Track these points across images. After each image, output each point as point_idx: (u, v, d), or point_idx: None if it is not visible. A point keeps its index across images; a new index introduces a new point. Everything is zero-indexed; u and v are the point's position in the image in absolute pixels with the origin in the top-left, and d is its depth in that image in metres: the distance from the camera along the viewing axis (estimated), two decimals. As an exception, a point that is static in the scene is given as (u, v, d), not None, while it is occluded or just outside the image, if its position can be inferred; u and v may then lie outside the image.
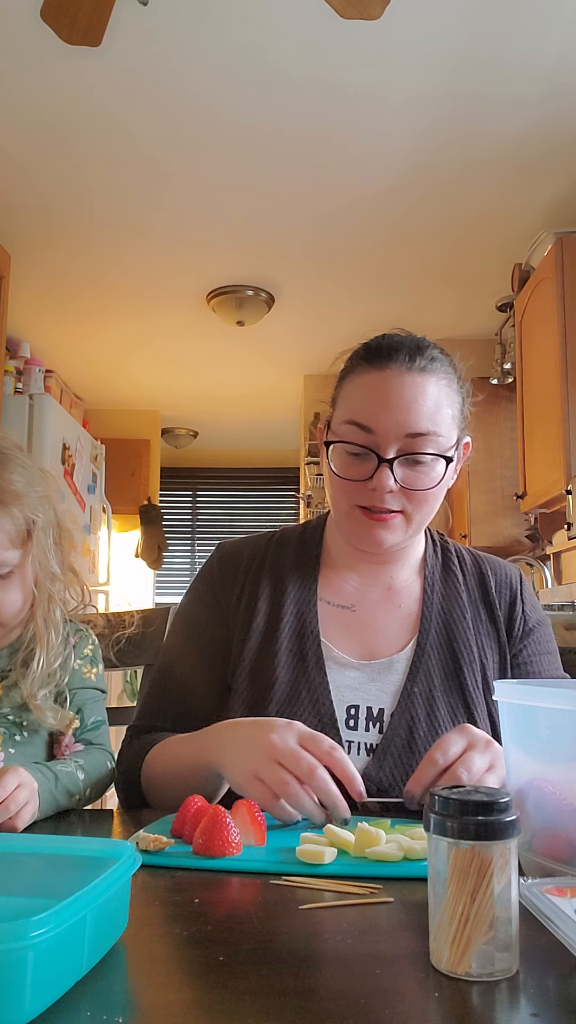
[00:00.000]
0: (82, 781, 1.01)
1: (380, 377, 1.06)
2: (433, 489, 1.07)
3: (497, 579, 1.21)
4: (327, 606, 1.17)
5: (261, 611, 1.16)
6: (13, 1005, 0.45)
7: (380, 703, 1.09)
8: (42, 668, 1.04)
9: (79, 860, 0.62)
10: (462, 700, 1.10)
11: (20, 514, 1.02)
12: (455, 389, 1.11)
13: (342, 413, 1.09)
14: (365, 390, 1.07)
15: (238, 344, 4.89)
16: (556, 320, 3.22)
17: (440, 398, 1.07)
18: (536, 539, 4.28)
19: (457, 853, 0.54)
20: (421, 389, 1.05)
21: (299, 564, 1.21)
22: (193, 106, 2.73)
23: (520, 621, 1.18)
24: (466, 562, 1.23)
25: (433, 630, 1.15)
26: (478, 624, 1.16)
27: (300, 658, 1.12)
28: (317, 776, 0.85)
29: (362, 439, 1.06)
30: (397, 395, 1.05)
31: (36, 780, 0.91)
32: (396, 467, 1.05)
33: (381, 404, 1.05)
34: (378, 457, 1.05)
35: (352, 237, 3.62)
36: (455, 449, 1.10)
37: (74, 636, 1.13)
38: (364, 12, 1.96)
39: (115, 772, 1.10)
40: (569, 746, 0.71)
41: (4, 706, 1.04)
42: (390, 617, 1.17)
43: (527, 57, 2.48)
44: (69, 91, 2.66)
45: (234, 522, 7.36)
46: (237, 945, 0.58)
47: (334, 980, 0.52)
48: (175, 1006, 0.49)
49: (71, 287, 4.14)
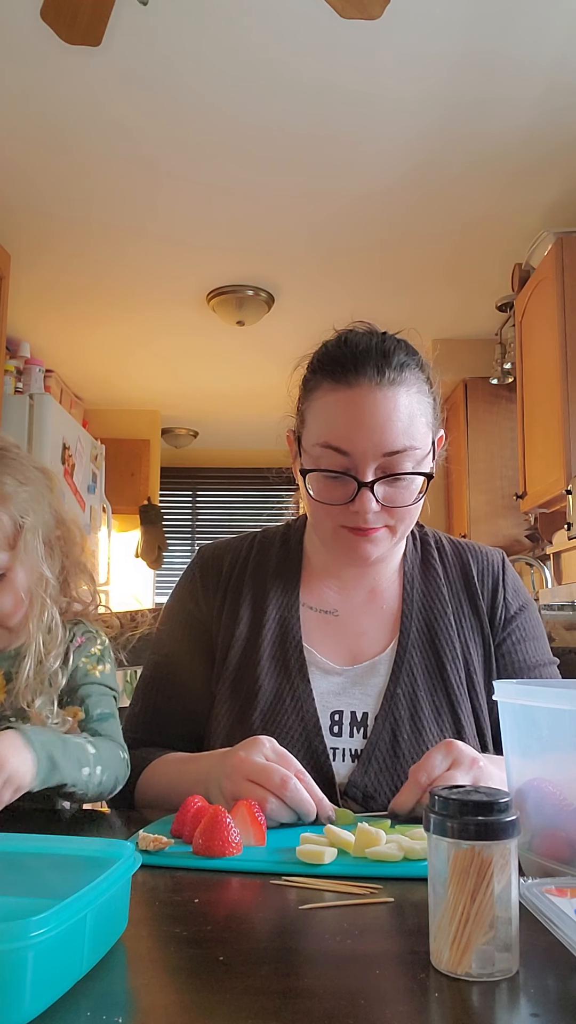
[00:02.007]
0: (93, 756, 0.95)
1: (350, 396, 1.02)
2: (414, 504, 1.06)
3: (479, 567, 1.19)
4: (310, 611, 1.16)
5: (244, 618, 1.15)
6: (13, 1005, 0.45)
7: (364, 707, 1.08)
8: (31, 674, 1.02)
9: (79, 860, 0.62)
10: (446, 698, 1.09)
11: (7, 517, 1.00)
12: (426, 392, 1.07)
13: (314, 434, 1.06)
14: (335, 410, 1.03)
15: (238, 344, 4.89)
16: (556, 320, 3.22)
17: (413, 409, 1.03)
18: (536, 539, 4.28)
19: (457, 853, 0.54)
20: (394, 404, 1.02)
21: (281, 569, 1.19)
22: (193, 106, 2.73)
23: (502, 608, 1.16)
24: (447, 552, 1.21)
25: (414, 628, 1.13)
26: (460, 618, 1.15)
27: (283, 665, 1.11)
28: (289, 787, 0.86)
29: (339, 463, 1.03)
30: (371, 415, 1.01)
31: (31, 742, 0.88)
32: (376, 487, 1.02)
33: (354, 425, 1.01)
34: (357, 481, 1.02)
35: (352, 237, 3.62)
36: (431, 454, 1.08)
37: (81, 636, 1.10)
38: (364, 12, 1.96)
39: (128, 764, 1.04)
40: (569, 746, 0.71)
41: (6, 709, 1.03)
42: (372, 620, 1.16)
43: (527, 57, 2.48)
44: (69, 91, 2.66)
45: (234, 522, 7.36)
46: (237, 945, 0.58)
47: (334, 980, 0.52)
48: (175, 1006, 0.49)
49: (71, 287, 4.14)
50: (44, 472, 1.10)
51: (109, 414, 6.19)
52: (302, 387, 1.12)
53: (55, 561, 1.08)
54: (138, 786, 1.07)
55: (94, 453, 4.79)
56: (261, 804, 0.85)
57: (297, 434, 1.13)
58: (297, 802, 0.87)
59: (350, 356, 1.04)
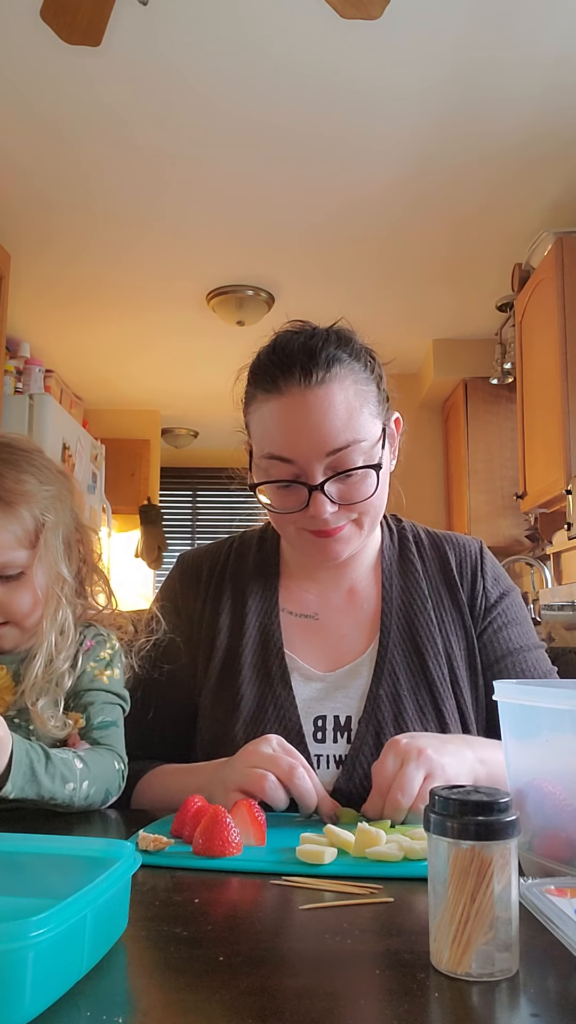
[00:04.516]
0: (79, 771, 0.94)
1: (282, 403, 1.01)
2: (373, 496, 1.04)
3: (458, 557, 1.18)
4: (289, 616, 1.15)
5: (224, 627, 1.14)
6: (13, 1005, 0.45)
7: (347, 710, 1.08)
8: (40, 674, 1.02)
9: (79, 860, 0.62)
10: (429, 696, 1.08)
11: (29, 515, 1.00)
12: (365, 380, 1.04)
13: (258, 446, 1.05)
14: (270, 420, 1.02)
15: (238, 344, 4.86)
16: (556, 320, 3.22)
17: (351, 402, 1.01)
18: (536, 539, 4.28)
19: (457, 853, 0.54)
20: (328, 403, 1.00)
21: (259, 575, 1.18)
22: (193, 106, 2.73)
23: (482, 597, 1.15)
24: (424, 545, 1.20)
25: (394, 627, 1.12)
26: (441, 612, 1.14)
27: (265, 673, 1.10)
28: (297, 775, 0.87)
29: (286, 472, 1.02)
30: (305, 418, 0.99)
31: (14, 747, 0.87)
32: (328, 487, 1.01)
33: (291, 432, 1.00)
34: (308, 486, 1.01)
35: (352, 237, 3.63)
36: (381, 443, 1.05)
37: (91, 640, 1.09)
38: (364, 12, 1.96)
39: (124, 776, 1.03)
40: (569, 746, 0.71)
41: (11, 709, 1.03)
42: (352, 622, 1.15)
43: (527, 56, 2.48)
44: (69, 91, 2.66)
45: (234, 522, 7.35)
46: (237, 945, 0.58)
47: (334, 980, 0.52)
48: (175, 1006, 0.49)
49: (71, 287, 4.14)
50: (65, 476, 1.10)
51: (109, 414, 6.19)
52: (244, 400, 1.11)
53: (73, 563, 1.07)
54: (134, 797, 1.07)
55: (94, 453, 4.79)
56: (263, 789, 0.86)
57: (249, 452, 1.11)
58: (302, 791, 0.87)
59: (277, 363, 1.02)
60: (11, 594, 1.00)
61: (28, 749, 0.90)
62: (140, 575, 6.31)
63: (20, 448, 1.06)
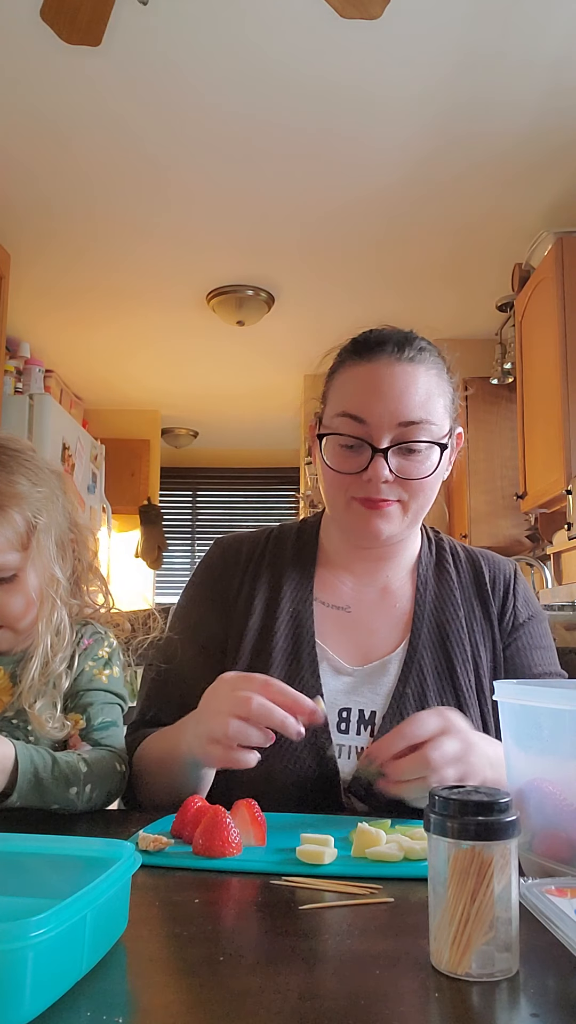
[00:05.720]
0: (84, 775, 0.94)
1: (369, 368, 1.07)
2: (429, 478, 1.07)
3: (492, 573, 1.20)
4: (323, 607, 1.16)
5: (257, 610, 1.15)
6: (13, 1005, 0.45)
7: (372, 706, 1.09)
8: (36, 676, 1.01)
9: (79, 860, 0.62)
10: (455, 700, 1.09)
11: (20, 517, 1.00)
12: (445, 380, 1.11)
13: (334, 407, 1.09)
14: (355, 382, 1.08)
15: (238, 344, 4.89)
16: (556, 320, 3.22)
17: (431, 387, 1.07)
18: (536, 539, 4.28)
19: (457, 853, 0.54)
20: (412, 378, 1.06)
21: (295, 563, 1.20)
22: (193, 106, 2.73)
23: (511, 614, 1.17)
24: (461, 558, 1.22)
25: (426, 629, 1.13)
26: (472, 622, 1.15)
27: (295, 660, 1.11)
28: (254, 704, 0.85)
29: (355, 430, 1.05)
30: (388, 384, 1.05)
31: (18, 756, 0.88)
32: (391, 456, 1.04)
33: (372, 394, 1.05)
34: (372, 447, 1.04)
35: (352, 237, 3.62)
36: (449, 438, 1.10)
37: (88, 638, 1.09)
38: (364, 11, 1.96)
39: (125, 776, 1.03)
40: (569, 746, 0.71)
41: (8, 711, 1.03)
42: (384, 618, 1.16)
43: (527, 57, 2.48)
44: (69, 91, 2.66)
45: (234, 522, 7.36)
46: (237, 945, 0.58)
47: (334, 980, 0.52)
48: (175, 1006, 0.49)
49: (71, 287, 4.14)
50: (58, 475, 1.10)
51: (109, 414, 6.19)
52: (327, 374, 1.15)
53: (67, 563, 1.07)
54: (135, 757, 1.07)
55: (94, 453, 4.79)
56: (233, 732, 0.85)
57: (319, 417, 1.15)
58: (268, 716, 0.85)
59: (374, 338, 1.09)
60: (4, 597, 1.00)
61: (33, 756, 0.91)
62: (140, 575, 6.31)
63: (11, 448, 1.05)
